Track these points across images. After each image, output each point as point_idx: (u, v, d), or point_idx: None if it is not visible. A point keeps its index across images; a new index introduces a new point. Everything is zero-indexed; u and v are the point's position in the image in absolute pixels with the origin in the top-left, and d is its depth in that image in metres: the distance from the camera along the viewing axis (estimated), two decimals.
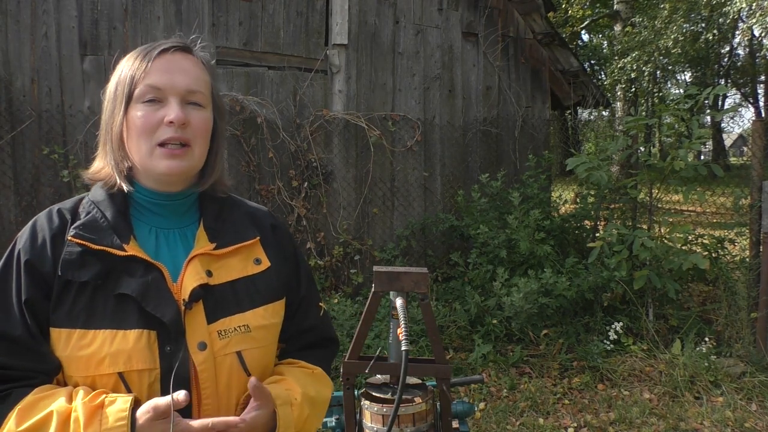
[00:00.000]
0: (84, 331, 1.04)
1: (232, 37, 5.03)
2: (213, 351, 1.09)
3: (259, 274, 1.19)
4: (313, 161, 5.28)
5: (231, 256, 1.17)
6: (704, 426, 3.71)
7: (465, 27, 5.95)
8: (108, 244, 1.07)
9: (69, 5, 4.55)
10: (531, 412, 3.95)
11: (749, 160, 4.93)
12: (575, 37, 21.04)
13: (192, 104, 1.11)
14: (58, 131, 4.55)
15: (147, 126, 1.08)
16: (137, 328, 1.05)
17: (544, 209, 5.28)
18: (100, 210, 1.12)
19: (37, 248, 1.07)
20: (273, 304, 1.20)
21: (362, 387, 1.38)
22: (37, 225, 1.11)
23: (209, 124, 1.15)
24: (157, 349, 1.05)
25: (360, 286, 5.42)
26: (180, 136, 1.08)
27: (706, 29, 13.55)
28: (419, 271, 1.30)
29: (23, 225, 1.17)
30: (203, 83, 1.14)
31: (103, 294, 1.06)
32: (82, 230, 1.08)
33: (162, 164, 1.09)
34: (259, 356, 1.16)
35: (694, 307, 5.06)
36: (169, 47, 1.12)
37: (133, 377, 1.04)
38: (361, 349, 1.34)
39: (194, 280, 1.10)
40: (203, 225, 1.19)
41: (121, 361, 1.03)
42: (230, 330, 1.11)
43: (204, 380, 1.08)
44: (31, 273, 1.06)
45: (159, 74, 1.09)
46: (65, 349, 1.05)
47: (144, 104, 1.08)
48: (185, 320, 1.08)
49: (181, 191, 1.17)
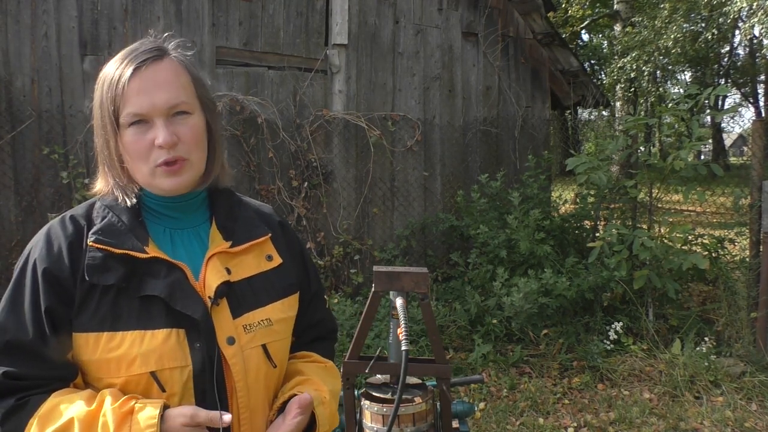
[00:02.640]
0: (112, 334, 1.05)
1: (232, 37, 5.03)
2: (241, 345, 1.12)
3: (272, 270, 1.23)
4: (313, 161, 5.28)
5: (245, 253, 1.20)
6: (704, 426, 3.71)
7: (465, 27, 5.96)
8: (129, 247, 1.09)
9: (69, 5, 4.55)
10: (531, 412, 3.95)
11: (749, 160, 4.93)
12: (575, 37, 21.04)
13: (178, 114, 1.10)
14: (58, 131, 4.55)
15: (141, 151, 1.09)
16: (165, 327, 1.06)
17: (544, 209, 5.28)
18: (115, 214, 1.13)
19: (54, 256, 1.08)
20: (288, 298, 1.24)
21: (362, 387, 1.38)
22: (51, 233, 1.11)
23: (200, 128, 1.15)
24: (187, 347, 1.07)
25: (360, 286, 5.42)
26: (174, 157, 1.09)
27: (706, 29, 13.53)
28: (419, 271, 1.30)
29: (23, 225, 1.17)
30: (184, 89, 1.12)
31: (126, 297, 1.07)
32: (101, 235, 1.09)
33: (165, 183, 1.11)
34: (281, 348, 1.21)
35: (694, 307, 5.06)
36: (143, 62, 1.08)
37: (166, 376, 1.06)
38: (361, 349, 1.34)
39: (217, 278, 1.13)
40: (216, 224, 1.21)
41: (153, 360, 1.05)
42: (254, 324, 1.15)
43: (236, 373, 1.11)
44: (50, 281, 1.06)
45: (137, 99, 1.07)
46: (94, 353, 1.05)
47: (132, 128, 1.08)
48: (212, 316, 1.10)
49: (188, 192, 1.18)
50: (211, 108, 1.19)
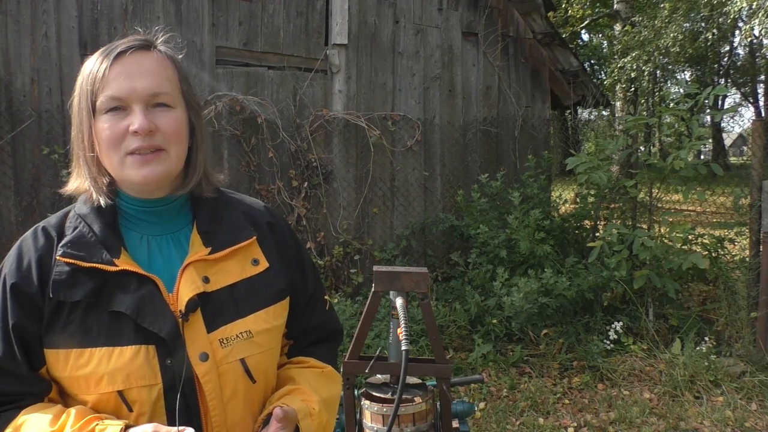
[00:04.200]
0: (80, 351, 1.01)
1: (232, 37, 5.03)
2: (215, 361, 1.06)
3: (257, 275, 1.15)
4: (313, 161, 5.28)
5: (227, 259, 1.13)
6: (704, 425, 3.71)
7: (465, 27, 5.95)
8: (98, 260, 1.03)
9: (69, 5, 4.55)
10: (531, 411, 3.95)
11: (749, 160, 4.93)
12: (575, 37, 21.05)
13: (159, 106, 1.05)
14: (58, 131, 4.55)
15: (113, 138, 1.02)
16: (134, 344, 1.01)
17: (544, 209, 5.28)
18: (87, 224, 1.07)
19: (23, 271, 1.04)
20: (274, 307, 1.16)
21: (362, 387, 1.38)
22: (22, 246, 1.08)
23: (181, 123, 1.08)
24: (157, 364, 1.02)
25: (360, 286, 5.42)
26: (149, 144, 1.03)
27: (705, 28, 13.53)
28: (419, 271, 1.30)
29: (23, 225, 1.17)
30: (168, 82, 1.07)
31: (96, 311, 1.02)
32: (70, 248, 1.04)
33: (135, 173, 1.04)
34: (263, 361, 1.13)
35: (694, 306, 5.06)
36: (127, 48, 1.04)
37: (134, 395, 1.01)
38: (361, 348, 1.34)
39: (190, 290, 1.06)
40: (197, 229, 1.14)
41: (120, 379, 1.00)
42: (232, 337, 1.08)
43: (209, 391, 1.05)
44: (18, 297, 1.03)
45: (118, 82, 1.02)
46: (65, 370, 1.02)
47: (108, 115, 1.03)
48: (184, 332, 1.04)
49: (166, 196, 1.12)
50: (195, 107, 1.13)
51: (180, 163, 1.09)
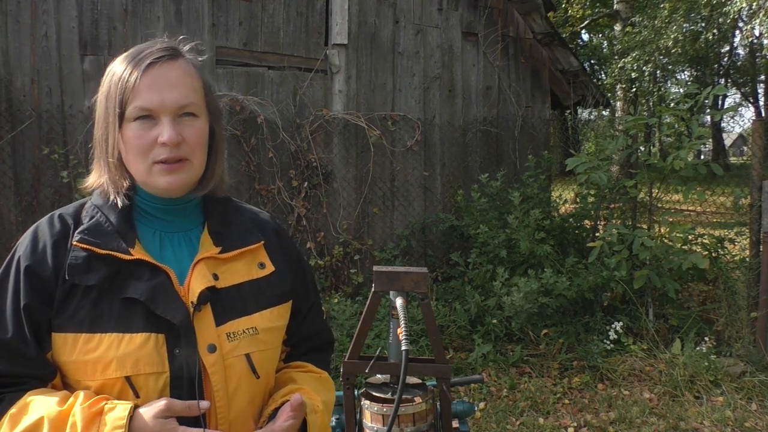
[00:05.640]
0: (90, 335, 1.04)
1: (232, 37, 5.03)
2: (222, 353, 1.09)
3: (263, 278, 1.19)
4: (313, 161, 5.28)
5: (236, 260, 1.17)
6: (704, 425, 3.71)
7: (465, 27, 5.95)
8: (114, 248, 1.07)
9: (69, 5, 4.55)
10: (531, 411, 3.95)
11: (749, 160, 4.93)
12: (575, 37, 21.04)
13: (185, 115, 1.09)
14: (58, 131, 4.55)
15: (142, 146, 1.07)
16: (144, 332, 1.04)
17: (544, 209, 5.28)
18: (104, 214, 1.11)
19: (38, 254, 1.07)
20: (278, 307, 1.20)
21: (362, 387, 1.38)
22: (38, 231, 1.11)
23: (205, 132, 1.14)
24: (165, 353, 1.05)
25: (360, 286, 5.42)
26: (176, 155, 1.08)
27: (706, 29, 13.53)
28: (419, 271, 1.30)
29: (23, 225, 1.17)
30: (194, 92, 1.12)
31: (108, 298, 1.05)
32: (87, 234, 1.08)
33: (161, 180, 1.09)
34: (267, 358, 1.17)
35: (694, 306, 5.06)
36: (157, 59, 1.08)
37: (141, 381, 1.04)
38: (361, 348, 1.35)
39: (201, 283, 1.10)
40: (208, 229, 1.18)
41: (128, 364, 1.03)
42: (239, 332, 1.12)
43: (215, 383, 1.08)
44: (31, 279, 1.05)
45: (148, 94, 1.06)
46: (72, 354, 1.04)
47: (136, 123, 1.07)
48: (194, 322, 1.07)
49: (182, 197, 1.16)
50: (216, 116, 1.19)
51: (201, 169, 1.15)
